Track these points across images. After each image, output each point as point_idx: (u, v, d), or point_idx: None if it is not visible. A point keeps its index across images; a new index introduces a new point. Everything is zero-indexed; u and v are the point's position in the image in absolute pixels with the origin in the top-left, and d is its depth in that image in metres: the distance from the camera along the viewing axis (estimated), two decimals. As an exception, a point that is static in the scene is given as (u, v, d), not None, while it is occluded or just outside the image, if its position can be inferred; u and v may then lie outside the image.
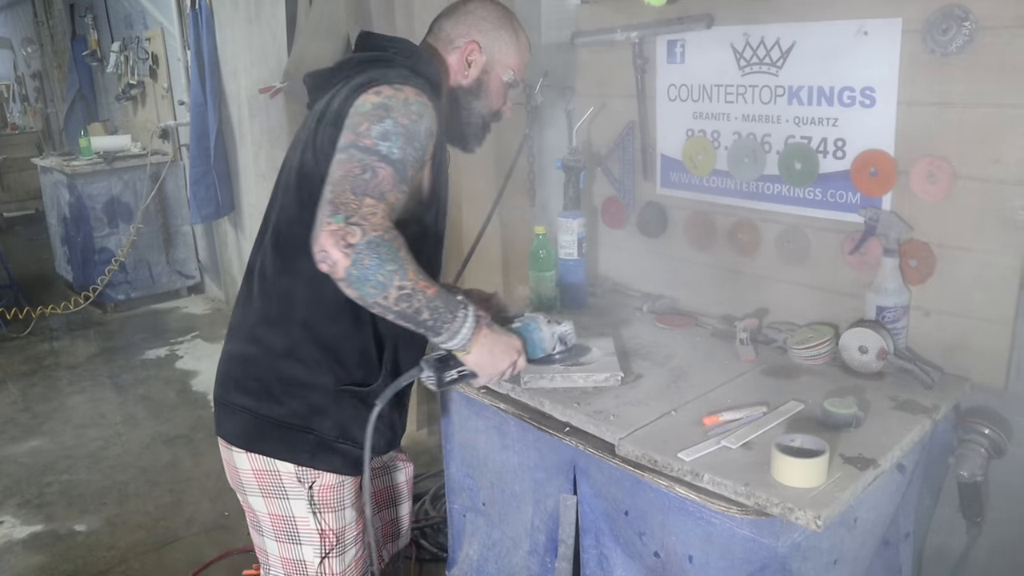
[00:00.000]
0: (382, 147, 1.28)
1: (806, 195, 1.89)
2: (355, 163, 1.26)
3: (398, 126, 1.30)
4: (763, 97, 1.93)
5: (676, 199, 2.19)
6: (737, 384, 1.70)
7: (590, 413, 1.58)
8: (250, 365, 1.51)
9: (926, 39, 1.61)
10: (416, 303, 1.25)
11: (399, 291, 1.23)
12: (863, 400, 1.56)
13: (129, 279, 5.53)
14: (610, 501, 1.56)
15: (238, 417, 1.52)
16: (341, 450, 1.51)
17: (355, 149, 1.27)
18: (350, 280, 1.21)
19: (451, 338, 1.33)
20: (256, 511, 1.58)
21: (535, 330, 1.57)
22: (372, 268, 1.20)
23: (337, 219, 1.19)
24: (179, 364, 4.57)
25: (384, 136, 1.29)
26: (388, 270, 1.21)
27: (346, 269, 1.19)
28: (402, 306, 1.25)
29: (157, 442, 3.60)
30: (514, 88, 1.63)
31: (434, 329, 1.31)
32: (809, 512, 1.23)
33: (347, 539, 1.59)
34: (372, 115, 1.30)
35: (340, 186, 1.23)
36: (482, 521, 1.94)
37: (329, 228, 1.19)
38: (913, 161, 1.68)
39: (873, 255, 1.77)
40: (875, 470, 1.35)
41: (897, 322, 1.72)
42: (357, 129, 1.30)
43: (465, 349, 1.37)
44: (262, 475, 1.52)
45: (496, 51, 1.59)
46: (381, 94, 1.34)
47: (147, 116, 5.88)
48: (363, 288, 1.21)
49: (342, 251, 1.18)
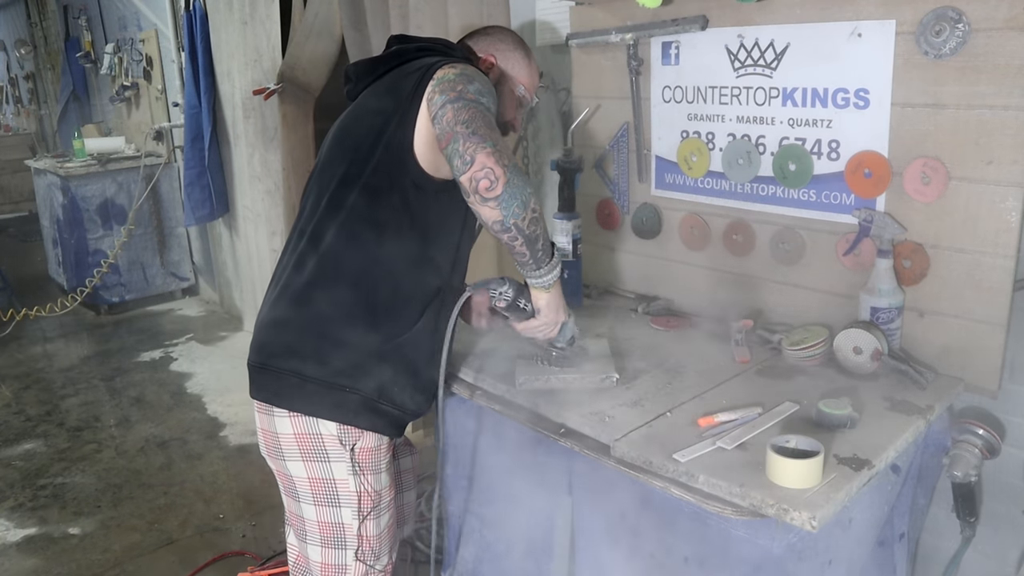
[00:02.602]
0: (484, 100, 1.42)
1: (800, 196, 1.89)
2: (474, 109, 1.38)
3: (485, 86, 1.46)
4: (757, 99, 1.93)
5: (671, 200, 2.19)
6: (732, 385, 1.70)
7: (585, 415, 1.58)
8: (295, 329, 1.56)
9: (919, 41, 1.61)
10: (541, 228, 1.40)
11: (533, 213, 1.38)
12: (858, 401, 1.56)
13: (123, 281, 5.51)
14: (605, 503, 1.56)
15: (283, 380, 1.55)
16: (383, 411, 1.57)
17: (463, 100, 1.39)
18: (506, 195, 1.33)
19: (546, 273, 1.47)
20: (294, 476, 1.61)
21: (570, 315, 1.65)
22: (520, 187, 1.34)
23: (489, 144, 1.33)
24: (173, 367, 4.55)
25: (480, 93, 1.42)
26: (529, 192, 1.36)
27: (505, 185, 1.32)
28: (533, 228, 1.39)
29: (151, 445, 3.59)
30: (524, 105, 1.74)
31: (539, 261, 1.45)
32: (804, 513, 1.23)
33: (383, 502, 1.65)
34: (460, 79, 1.43)
35: (473, 123, 1.35)
36: (477, 523, 1.94)
37: (486, 151, 1.32)
38: (907, 162, 1.68)
39: (867, 256, 1.77)
40: (870, 471, 1.35)
41: (891, 323, 1.72)
42: (456, 88, 1.41)
43: (548, 287, 1.50)
44: (303, 438, 1.57)
45: (510, 67, 1.72)
46: (456, 67, 1.46)
47: (141, 118, 5.86)
48: (510, 206, 1.34)
49: (502, 168, 1.32)
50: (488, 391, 1.76)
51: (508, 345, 1.88)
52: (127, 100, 5.95)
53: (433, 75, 1.46)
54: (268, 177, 4.11)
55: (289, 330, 1.56)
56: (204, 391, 4.11)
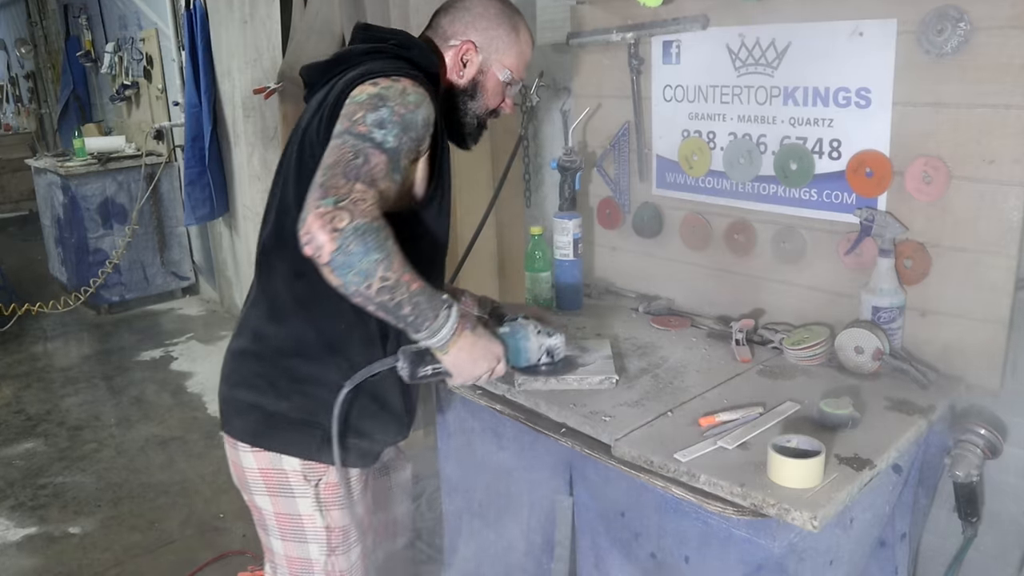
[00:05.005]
0: (376, 134, 1.27)
1: (802, 196, 1.89)
2: (348, 148, 1.25)
3: (394, 115, 1.30)
4: (759, 98, 1.93)
5: (672, 200, 2.19)
6: (733, 385, 1.70)
7: (586, 414, 1.58)
8: (255, 362, 1.51)
9: (921, 40, 1.61)
10: (398, 296, 1.24)
11: (382, 282, 1.22)
12: (859, 400, 1.56)
13: (123, 280, 5.51)
14: (606, 502, 1.56)
15: (244, 414, 1.52)
16: (348, 444, 1.51)
17: (349, 135, 1.27)
18: (334, 266, 1.19)
19: (431, 336, 1.32)
20: (262, 510, 1.57)
21: (523, 338, 1.54)
22: (357, 255, 1.18)
23: (326, 202, 1.18)
24: (174, 366, 4.55)
25: (379, 124, 1.28)
26: (373, 259, 1.19)
27: (332, 253, 1.18)
28: (383, 298, 1.23)
29: (152, 444, 3.59)
30: (513, 87, 1.61)
31: (414, 325, 1.29)
32: (805, 513, 1.23)
33: (352, 536, 1.59)
34: (368, 104, 1.31)
35: (332, 171, 1.23)
36: (478, 523, 1.94)
37: (318, 211, 1.18)
38: (908, 161, 1.68)
39: (869, 255, 1.77)
40: (871, 470, 1.35)
41: (893, 322, 1.72)
42: (353, 117, 1.30)
43: (443, 349, 1.35)
44: (268, 473, 1.52)
45: (493, 50, 1.57)
46: (378, 84, 1.34)
47: (141, 117, 5.86)
48: (346, 275, 1.20)
49: (329, 234, 1.17)
50: (488, 390, 1.76)
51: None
52: (127, 99, 5.95)
53: (352, 92, 1.35)
54: (268, 176, 4.07)
55: (248, 362, 1.51)
56: (204, 390, 4.11)
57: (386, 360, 1.43)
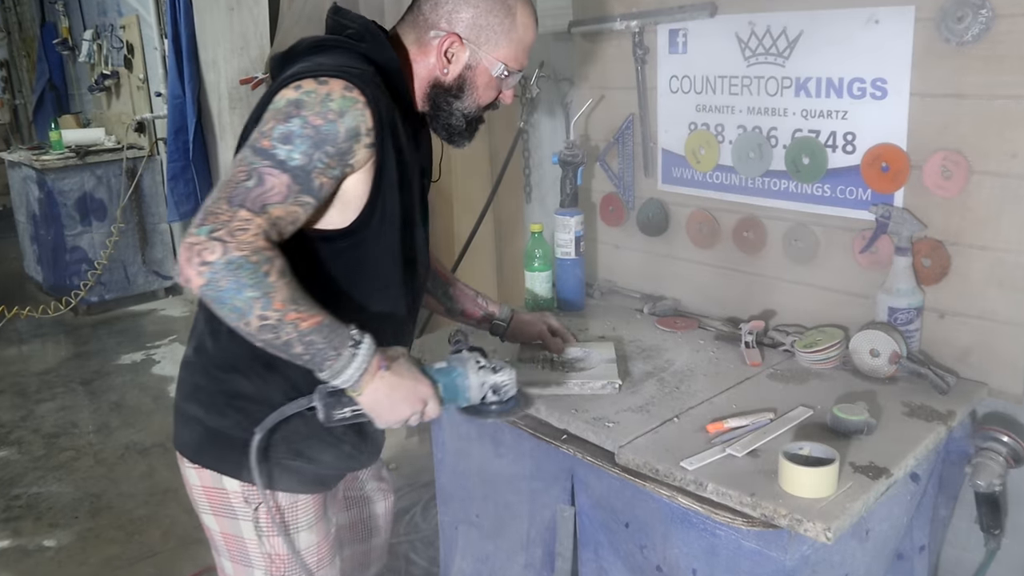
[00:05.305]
0: (280, 151, 1.20)
1: (814, 191, 1.89)
2: (243, 168, 1.20)
3: (307, 126, 1.22)
4: (769, 89, 1.93)
5: (678, 196, 2.19)
6: (742, 389, 1.70)
7: (588, 420, 1.58)
8: (198, 374, 1.47)
9: (940, 28, 1.61)
10: (284, 335, 1.18)
11: (261, 321, 1.16)
12: (875, 406, 1.56)
13: (103, 280, 5.50)
14: (610, 512, 1.56)
15: (188, 428, 1.49)
16: (292, 467, 1.45)
17: (250, 150, 1.22)
18: (207, 300, 1.17)
19: (333, 377, 1.24)
20: (210, 529, 1.54)
21: (459, 376, 1.38)
22: (229, 292, 1.14)
23: (201, 231, 1.14)
24: (155, 370, 4.55)
25: (286, 138, 1.21)
26: (247, 296, 1.14)
27: (200, 288, 1.15)
28: (267, 336, 1.18)
29: (132, 452, 3.58)
30: (511, 78, 1.47)
31: (312, 364, 1.23)
32: (818, 523, 1.23)
33: (299, 567, 1.50)
34: (282, 113, 1.23)
35: (219, 192, 1.18)
36: (475, 534, 1.94)
37: (189, 240, 1.14)
38: (927, 155, 1.68)
39: (885, 254, 1.77)
40: (888, 479, 1.35)
41: (910, 324, 1.72)
42: (262, 128, 1.23)
43: (355, 390, 1.27)
44: (211, 492, 1.49)
45: (483, 42, 1.42)
46: (300, 88, 1.25)
47: (122, 108, 5.85)
48: (222, 310, 1.17)
49: (196, 268, 1.13)
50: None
51: (506, 348, 1.88)
52: (107, 90, 5.94)
53: (275, 96, 1.27)
54: (255, 171, 4.10)
55: (192, 374, 1.48)
56: (187, 396, 4.10)
57: (300, 400, 1.34)
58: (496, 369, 1.40)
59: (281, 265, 1.19)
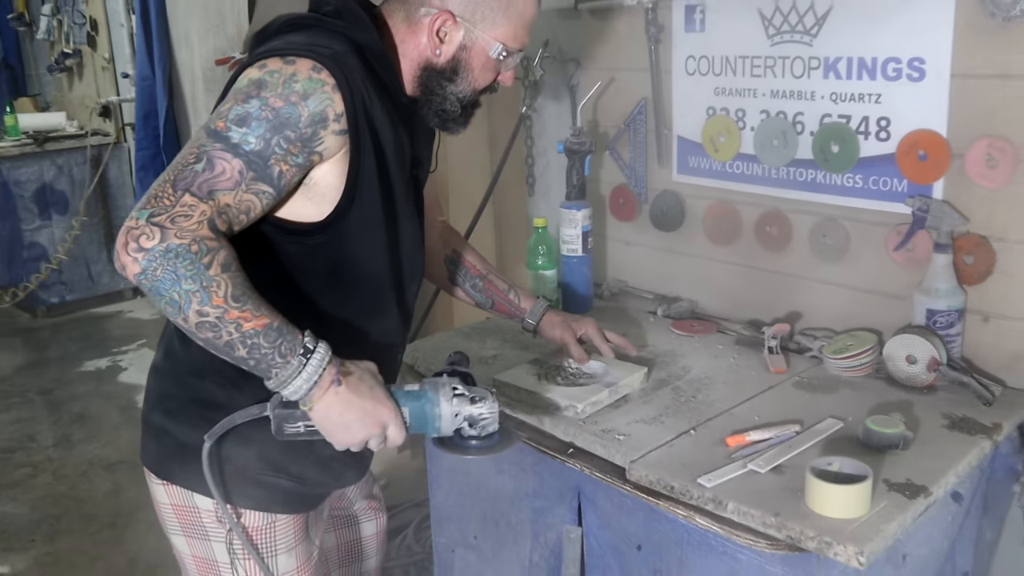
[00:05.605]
0: (234, 134, 1.20)
1: (844, 182, 1.89)
2: (194, 149, 1.20)
3: (266, 108, 1.21)
4: (795, 70, 1.92)
5: (695, 187, 2.19)
6: (765, 399, 1.70)
7: (597, 432, 1.58)
8: (166, 381, 1.47)
9: (985, 1, 1.60)
10: (226, 335, 1.17)
11: (199, 317, 1.16)
12: (911, 418, 1.56)
13: (64, 279, 5.51)
14: (620, 533, 1.56)
15: (156, 440, 1.48)
16: (268, 483, 1.45)
17: (204, 132, 1.22)
18: (144, 290, 1.17)
19: (280, 386, 1.22)
20: (179, 551, 1.54)
21: (429, 402, 1.32)
22: (165, 283, 1.14)
23: (141, 215, 1.14)
24: (122, 377, 4.55)
25: (241, 120, 1.21)
26: (184, 289, 1.14)
27: (136, 277, 1.15)
28: (207, 335, 1.18)
29: (96, 468, 3.58)
30: (511, 58, 1.46)
31: (258, 370, 1.22)
32: (850, 547, 1.23)
33: None
34: (242, 93, 1.24)
35: (166, 175, 1.19)
36: (473, 557, 1.94)
37: (128, 224, 1.14)
38: (969, 142, 1.67)
39: (922, 251, 1.77)
40: (926, 499, 1.35)
41: (951, 328, 1.72)
42: (220, 108, 1.24)
43: (305, 404, 1.25)
44: (181, 511, 1.48)
45: (479, 20, 1.40)
46: (264, 68, 1.25)
47: (85, 91, 5.86)
48: (159, 303, 1.17)
49: (132, 255, 1.13)
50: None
51: (511, 352, 1.88)
52: (68, 70, 5.95)
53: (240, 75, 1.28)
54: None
55: (162, 381, 1.48)
56: (156, 406, 4.10)
57: (252, 408, 1.32)
58: (475, 400, 1.34)
59: (225, 257, 1.18)
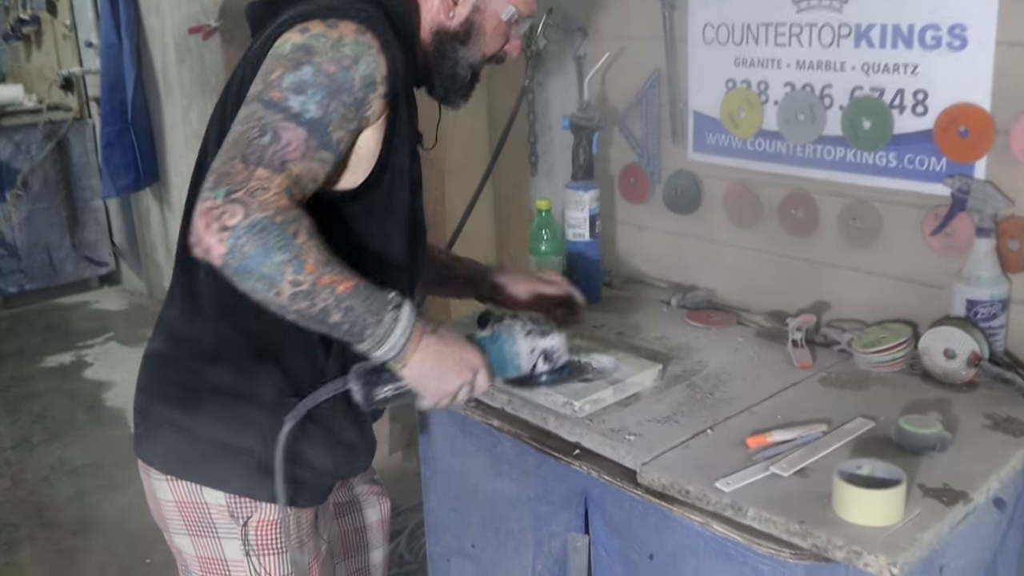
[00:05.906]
0: (294, 102, 1.26)
1: (877, 161, 1.89)
2: (254, 122, 1.25)
3: (320, 74, 1.27)
4: (823, 39, 1.92)
5: (712, 166, 2.19)
6: (789, 396, 1.70)
7: (605, 432, 1.58)
8: (172, 369, 1.50)
9: (1031, -37, 1.61)
10: (320, 302, 1.23)
11: (294, 287, 1.21)
12: (949, 417, 1.56)
13: (23, 267, 5.51)
14: (630, 542, 1.57)
15: (158, 432, 1.51)
16: (285, 474, 1.46)
17: (259, 104, 1.26)
18: (229, 272, 1.21)
19: (376, 346, 1.30)
20: (183, 553, 1.57)
21: (507, 342, 1.50)
22: (255, 258, 1.19)
23: (217, 194, 1.19)
24: (88, 373, 4.56)
25: (298, 88, 1.26)
26: (276, 261, 1.19)
27: (223, 257, 1.19)
28: (301, 305, 1.23)
29: (58, 472, 3.59)
30: (520, 24, 1.58)
31: (352, 335, 1.29)
32: (882, 557, 1.23)
33: None
34: (290, 60, 1.29)
35: (230, 152, 1.23)
36: (471, 567, 1.95)
37: (205, 205, 1.19)
38: (1015, 117, 1.67)
39: (962, 236, 1.77)
40: (966, 505, 1.35)
41: (993, 320, 1.72)
42: (268, 77, 1.28)
43: (399, 361, 1.33)
44: (187, 507, 1.51)
45: None
46: (307, 32, 1.31)
47: (44, 61, 5.85)
48: (248, 282, 1.21)
49: (216, 235, 1.18)
50: (486, 402, 1.76)
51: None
52: (25, 38, 5.94)
53: (276, 41, 1.33)
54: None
55: (162, 369, 1.52)
56: (126, 404, 4.10)
57: (334, 383, 1.41)
58: (546, 333, 1.52)
59: (309, 225, 1.23)
